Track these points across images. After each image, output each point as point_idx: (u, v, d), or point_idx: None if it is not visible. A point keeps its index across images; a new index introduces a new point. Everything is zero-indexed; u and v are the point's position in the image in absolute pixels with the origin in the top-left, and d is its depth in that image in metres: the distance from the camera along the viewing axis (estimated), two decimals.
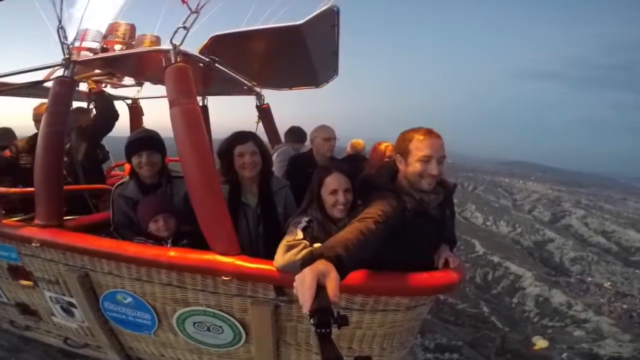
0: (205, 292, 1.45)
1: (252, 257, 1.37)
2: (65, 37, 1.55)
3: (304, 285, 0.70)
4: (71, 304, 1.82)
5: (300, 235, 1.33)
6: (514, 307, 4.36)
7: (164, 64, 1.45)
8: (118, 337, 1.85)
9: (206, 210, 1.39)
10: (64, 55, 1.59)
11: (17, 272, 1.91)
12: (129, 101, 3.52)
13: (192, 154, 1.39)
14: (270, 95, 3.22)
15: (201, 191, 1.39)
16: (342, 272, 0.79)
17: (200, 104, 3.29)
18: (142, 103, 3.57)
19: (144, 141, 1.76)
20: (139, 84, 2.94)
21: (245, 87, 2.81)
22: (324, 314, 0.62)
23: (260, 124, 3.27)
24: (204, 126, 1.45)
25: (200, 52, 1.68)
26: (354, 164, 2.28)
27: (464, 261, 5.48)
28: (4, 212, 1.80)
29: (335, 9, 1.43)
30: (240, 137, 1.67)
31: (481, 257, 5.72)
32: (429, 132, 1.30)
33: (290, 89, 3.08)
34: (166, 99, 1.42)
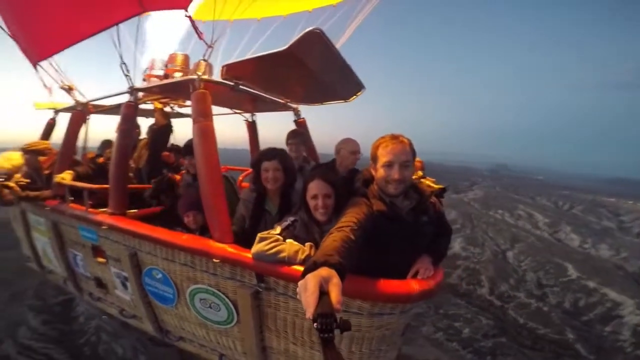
0: (208, 273, 1.89)
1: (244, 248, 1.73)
2: (128, 70, 2.23)
3: (307, 290, 0.74)
4: (127, 278, 2.49)
5: (277, 230, 1.62)
6: (606, 336, 4.03)
7: (191, 90, 1.98)
8: (153, 309, 2.43)
9: (210, 204, 1.85)
10: (129, 84, 2.29)
11: (96, 251, 2.69)
12: None
13: (203, 159, 1.88)
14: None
15: (207, 189, 1.86)
16: (342, 278, 0.85)
17: (250, 120, 3.96)
18: None
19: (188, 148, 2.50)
20: None
21: (280, 104, 3.28)
22: (327, 319, 0.66)
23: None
24: (215, 139, 1.93)
25: (223, 79, 2.17)
26: None
27: (552, 286, 5.41)
28: (91, 203, 2.58)
29: (318, 31, 1.64)
30: (268, 154, 2.03)
31: (573, 282, 5.49)
32: (393, 138, 1.46)
33: (322, 104, 3.45)
34: (224, 116, 1.92)
